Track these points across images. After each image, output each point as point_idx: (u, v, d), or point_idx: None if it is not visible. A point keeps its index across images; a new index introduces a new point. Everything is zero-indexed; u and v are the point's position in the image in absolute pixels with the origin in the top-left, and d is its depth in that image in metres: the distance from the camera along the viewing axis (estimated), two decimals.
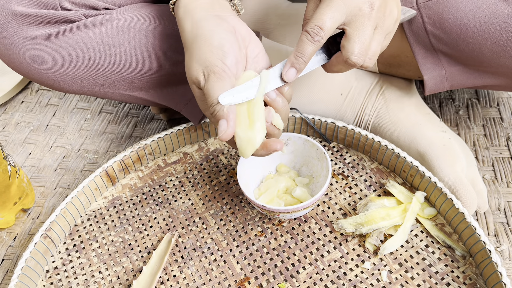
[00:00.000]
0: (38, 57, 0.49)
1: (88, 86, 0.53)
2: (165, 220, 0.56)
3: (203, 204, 0.57)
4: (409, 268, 0.49)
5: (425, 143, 0.56)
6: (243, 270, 0.51)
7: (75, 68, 0.51)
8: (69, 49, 0.49)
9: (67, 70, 0.50)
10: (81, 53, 0.50)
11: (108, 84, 0.53)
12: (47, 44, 0.49)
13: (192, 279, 0.51)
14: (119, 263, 0.53)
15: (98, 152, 0.69)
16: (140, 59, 0.52)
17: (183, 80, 0.56)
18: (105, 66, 0.51)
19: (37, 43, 0.48)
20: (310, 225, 0.54)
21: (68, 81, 0.52)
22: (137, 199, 0.59)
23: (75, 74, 0.51)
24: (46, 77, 0.51)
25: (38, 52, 0.49)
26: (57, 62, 0.50)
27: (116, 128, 0.73)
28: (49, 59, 0.49)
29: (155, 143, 0.61)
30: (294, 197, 0.53)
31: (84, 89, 0.53)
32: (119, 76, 0.53)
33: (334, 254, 0.51)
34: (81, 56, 0.50)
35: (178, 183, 0.60)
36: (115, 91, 0.55)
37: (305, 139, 0.54)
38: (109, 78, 0.53)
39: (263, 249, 0.52)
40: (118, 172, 0.60)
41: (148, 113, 0.74)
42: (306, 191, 0.53)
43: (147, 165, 0.62)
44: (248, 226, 0.54)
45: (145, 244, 0.54)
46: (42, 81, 0.51)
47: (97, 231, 0.56)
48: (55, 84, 0.52)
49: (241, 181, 0.52)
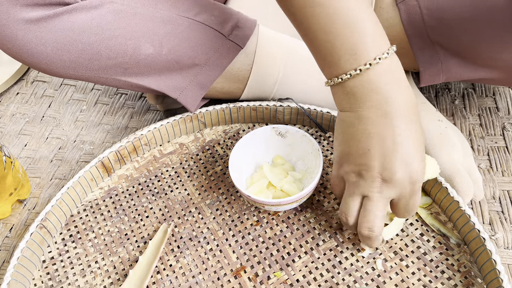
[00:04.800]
0: (32, 40, 0.48)
1: (82, 71, 0.52)
2: (161, 210, 0.56)
3: (199, 194, 0.57)
4: (404, 256, 0.49)
5: None
6: (239, 259, 0.51)
7: (69, 51, 0.50)
8: (64, 32, 0.49)
9: (61, 53, 0.50)
10: (76, 36, 0.49)
11: (103, 69, 0.53)
12: (41, 27, 0.48)
13: (188, 269, 0.51)
14: (115, 253, 0.53)
15: (94, 143, 0.69)
16: (136, 44, 0.52)
17: (180, 67, 0.56)
18: (100, 50, 0.51)
19: (30, 25, 0.48)
20: (305, 214, 0.54)
21: (61, 65, 0.51)
22: (133, 189, 0.59)
23: (69, 58, 0.50)
24: (39, 60, 0.50)
25: (32, 35, 0.48)
26: (51, 45, 0.49)
27: (112, 119, 0.72)
28: (42, 42, 0.49)
29: (151, 133, 0.61)
30: (284, 191, 0.53)
31: (78, 73, 0.53)
32: (115, 61, 0.52)
33: (329, 243, 0.51)
34: (76, 40, 0.49)
35: (174, 173, 0.60)
36: (110, 76, 0.54)
37: (302, 134, 0.54)
38: (104, 63, 0.52)
39: (259, 239, 0.52)
40: (114, 162, 0.60)
41: (144, 104, 0.74)
42: (295, 185, 0.53)
43: (143, 156, 0.62)
44: (244, 216, 0.54)
45: (141, 234, 0.54)
46: (35, 64, 0.51)
47: (93, 221, 0.56)
48: (48, 68, 0.51)
49: (232, 168, 0.52)
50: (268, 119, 0.63)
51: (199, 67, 0.57)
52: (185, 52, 0.55)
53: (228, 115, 0.63)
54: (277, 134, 0.56)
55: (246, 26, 0.57)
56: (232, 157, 0.53)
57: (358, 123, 0.42)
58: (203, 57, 0.56)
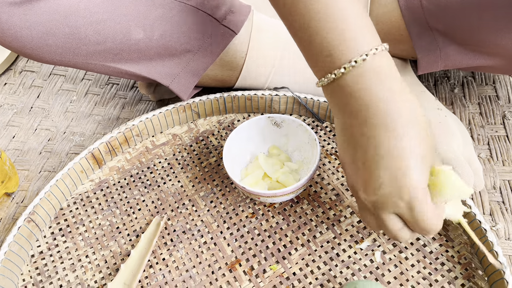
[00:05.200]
0: (16, 23, 0.46)
1: (69, 57, 0.50)
2: (153, 203, 0.55)
3: (192, 186, 0.56)
4: (403, 248, 0.48)
5: None
6: (233, 253, 0.49)
7: (55, 36, 0.48)
8: (49, 15, 0.46)
9: (46, 37, 0.48)
10: (62, 19, 0.47)
11: (91, 54, 0.51)
12: (26, 9, 0.46)
13: (182, 262, 0.49)
14: (107, 247, 0.51)
15: (85, 134, 0.67)
16: (126, 28, 0.50)
17: (172, 53, 0.54)
18: (88, 34, 0.49)
19: (15, 8, 0.45)
20: (302, 206, 0.52)
21: (47, 50, 0.49)
22: (125, 181, 0.57)
23: (55, 43, 0.48)
24: (24, 45, 0.48)
25: (16, 18, 0.46)
26: (36, 29, 0.47)
27: (103, 110, 0.70)
28: (27, 25, 0.46)
29: (143, 124, 0.59)
30: (279, 182, 0.52)
31: (65, 59, 0.51)
32: (104, 46, 0.50)
33: (327, 235, 0.50)
34: (62, 23, 0.47)
35: (167, 165, 0.58)
36: (99, 62, 0.52)
37: (298, 123, 0.53)
38: (93, 48, 0.50)
39: (254, 231, 0.51)
40: (104, 154, 0.58)
41: (136, 94, 0.72)
42: (291, 176, 0.52)
43: (135, 147, 0.61)
44: (239, 208, 0.53)
45: (133, 227, 0.53)
46: (20, 49, 0.48)
47: (84, 214, 0.54)
48: (33, 53, 0.49)
49: (226, 159, 0.50)
50: (263, 109, 0.62)
51: (192, 53, 0.55)
52: (177, 38, 0.53)
53: (222, 105, 0.61)
54: (272, 123, 0.55)
55: (241, 11, 0.55)
56: (226, 147, 0.52)
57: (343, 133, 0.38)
58: (196, 42, 0.55)
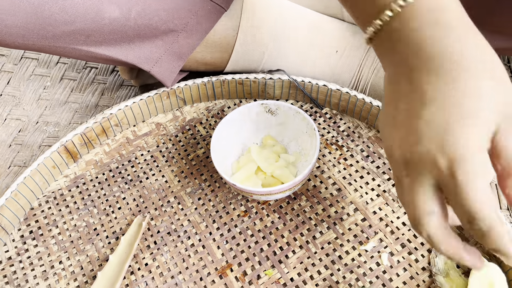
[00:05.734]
0: None
1: (33, 39, 0.44)
2: (135, 201, 0.49)
3: (178, 182, 0.50)
4: (413, 249, 0.43)
5: None
6: (224, 256, 0.44)
7: (15, 15, 0.41)
8: None
9: (5, 17, 0.41)
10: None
11: (59, 37, 0.44)
12: None
13: (167, 268, 0.44)
14: (83, 251, 0.46)
15: (60, 124, 0.61)
16: (98, 6, 0.43)
17: (153, 33, 0.48)
18: (53, 13, 0.42)
19: None
20: (300, 202, 0.47)
21: (6, 32, 0.42)
22: (103, 177, 0.51)
23: (15, 23, 0.42)
24: None
25: None
26: None
27: (80, 97, 0.64)
28: None
29: (122, 112, 0.53)
30: (275, 177, 0.46)
31: (28, 42, 0.44)
32: (73, 27, 0.44)
33: (327, 235, 0.45)
34: (23, 0, 0.41)
35: (150, 157, 0.53)
36: (69, 46, 0.46)
37: (295, 110, 0.47)
38: (60, 29, 0.44)
39: (247, 231, 0.46)
40: (79, 147, 0.52)
41: (117, 79, 0.66)
42: (288, 170, 0.47)
43: (114, 138, 0.55)
44: (230, 206, 0.48)
45: (112, 228, 0.48)
46: None
47: (57, 214, 0.49)
48: None
49: (214, 152, 0.45)
50: (256, 94, 0.56)
51: (175, 34, 0.49)
52: (158, 16, 0.47)
53: (210, 90, 0.56)
54: (266, 111, 0.49)
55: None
56: (214, 138, 0.46)
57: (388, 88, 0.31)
58: (180, 21, 0.48)
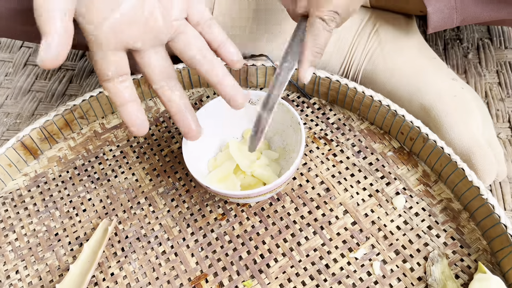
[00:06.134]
0: None
1: None
2: (102, 202, 0.44)
3: (150, 181, 0.45)
4: (408, 256, 0.39)
5: (432, 95, 0.44)
6: (199, 265, 0.40)
7: None
8: None
9: None
10: None
11: None
12: None
13: (135, 278, 0.40)
14: (42, 260, 0.42)
15: (22, 115, 0.55)
16: None
17: None
18: None
19: None
20: (284, 204, 0.42)
21: None
22: (67, 175, 0.46)
23: None
24: None
25: None
26: None
27: (46, 85, 0.58)
28: None
29: (87, 104, 0.48)
30: (255, 176, 0.41)
31: None
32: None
33: (313, 241, 0.40)
34: None
35: (120, 153, 0.48)
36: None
37: (279, 101, 0.42)
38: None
39: (224, 237, 0.41)
40: (39, 142, 0.47)
41: (86, 65, 0.60)
42: (270, 169, 0.42)
43: (81, 132, 0.49)
44: (206, 208, 0.43)
45: (76, 233, 0.43)
46: None
47: (15, 218, 0.44)
48: None
49: (187, 148, 0.40)
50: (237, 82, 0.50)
51: None
52: None
53: (186, 78, 0.50)
54: (248, 102, 0.44)
55: None
56: None
57: None
58: None
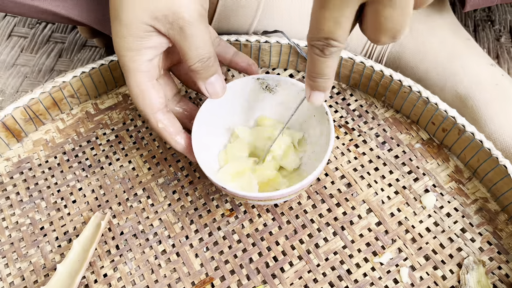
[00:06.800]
0: None
1: None
2: (94, 193, 0.39)
3: (149, 170, 0.40)
4: (439, 263, 0.34)
5: (469, 82, 0.39)
6: (203, 267, 0.35)
7: None
8: None
9: None
10: None
11: None
12: None
13: (131, 280, 0.35)
14: (25, 257, 0.37)
15: (5, 92, 0.50)
16: None
17: None
18: None
19: None
20: (300, 200, 0.38)
21: None
22: (55, 161, 0.41)
23: None
24: None
25: None
26: None
27: (32, 59, 0.53)
28: None
29: (78, 81, 0.43)
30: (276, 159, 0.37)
31: None
32: None
33: (333, 243, 0.36)
34: None
35: (115, 138, 0.42)
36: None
37: (301, 87, 0.37)
38: None
39: (232, 236, 0.37)
40: (23, 123, 0.42)
41: (78, 37, 0.54)
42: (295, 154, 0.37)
43: (71, 112, 0.44)
44: (212, 202, 0.38)
45: (64, 227, 0.38)
46: None
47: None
48: None
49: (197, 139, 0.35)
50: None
51: None
52: None
53: None
54: (263, 88, 0.38)
55: None
56: (197, 121, 0.36)
57: None
58: None
